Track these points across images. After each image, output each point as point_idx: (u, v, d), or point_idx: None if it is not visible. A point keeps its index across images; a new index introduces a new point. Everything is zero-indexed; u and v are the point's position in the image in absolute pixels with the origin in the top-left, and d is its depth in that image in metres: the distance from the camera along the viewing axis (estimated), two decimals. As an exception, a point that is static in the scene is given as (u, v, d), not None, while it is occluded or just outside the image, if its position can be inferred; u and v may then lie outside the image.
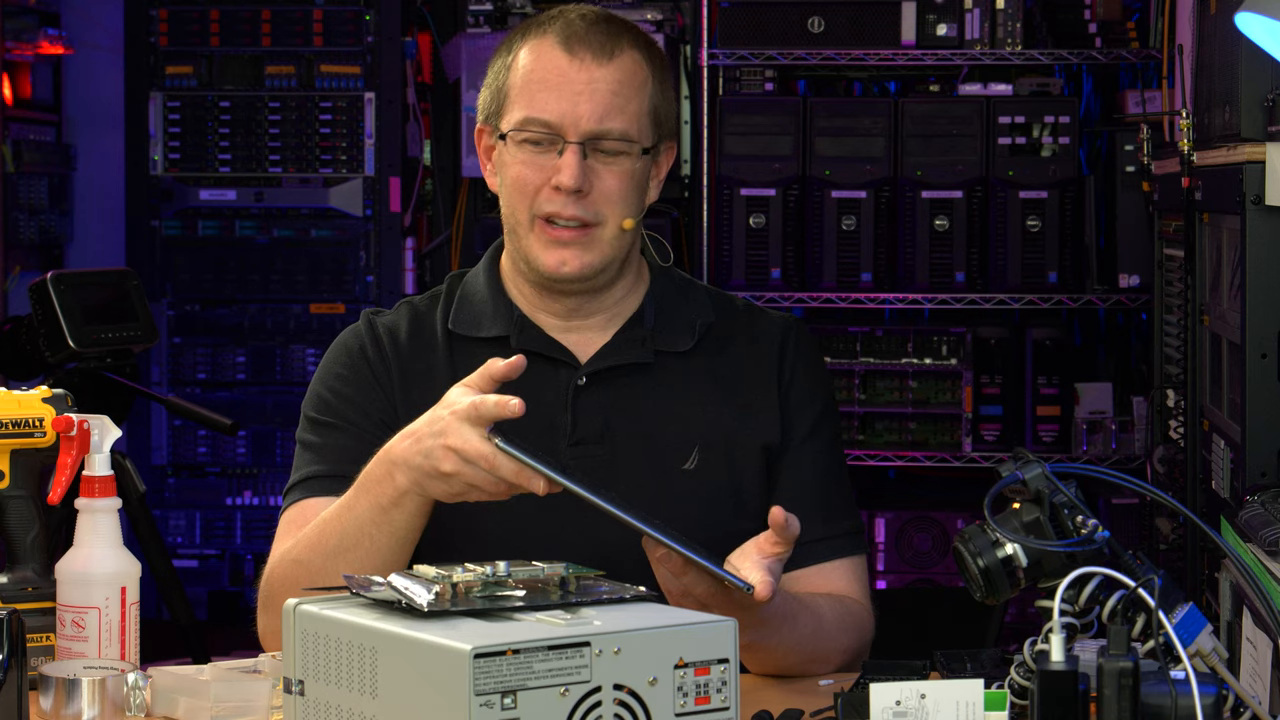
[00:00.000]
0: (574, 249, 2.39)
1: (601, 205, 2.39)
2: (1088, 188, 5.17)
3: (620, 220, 2.40)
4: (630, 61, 2.40)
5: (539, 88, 2.39)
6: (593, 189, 2.38)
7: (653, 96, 2.42)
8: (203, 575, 5.66)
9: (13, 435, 2.26)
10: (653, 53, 2.45)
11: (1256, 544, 2.57)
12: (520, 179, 2.40)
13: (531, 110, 2.39)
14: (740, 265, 5.19)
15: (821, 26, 5.20)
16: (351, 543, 2.22)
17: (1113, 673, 1.68)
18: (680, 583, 2.10)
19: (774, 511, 2.13)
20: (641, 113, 2.41)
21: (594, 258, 2.40)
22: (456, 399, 2.12)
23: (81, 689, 2.04)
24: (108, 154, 5.83)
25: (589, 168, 2.38)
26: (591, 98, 2.37)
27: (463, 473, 2.11)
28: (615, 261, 2.43)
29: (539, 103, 2.38)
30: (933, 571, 5.18)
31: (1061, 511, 1.86)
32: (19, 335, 4.20)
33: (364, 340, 2.48)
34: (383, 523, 2.20)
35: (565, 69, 2.38)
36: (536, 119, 2.38)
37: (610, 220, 2.39)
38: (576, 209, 2.38)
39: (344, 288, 5.63)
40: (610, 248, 2.41)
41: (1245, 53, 3.06)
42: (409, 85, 5.65)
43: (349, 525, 2.22)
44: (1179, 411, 4.02)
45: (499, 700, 1.65)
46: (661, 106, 2.44)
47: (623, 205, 2.40)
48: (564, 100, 2.37)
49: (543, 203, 2.39)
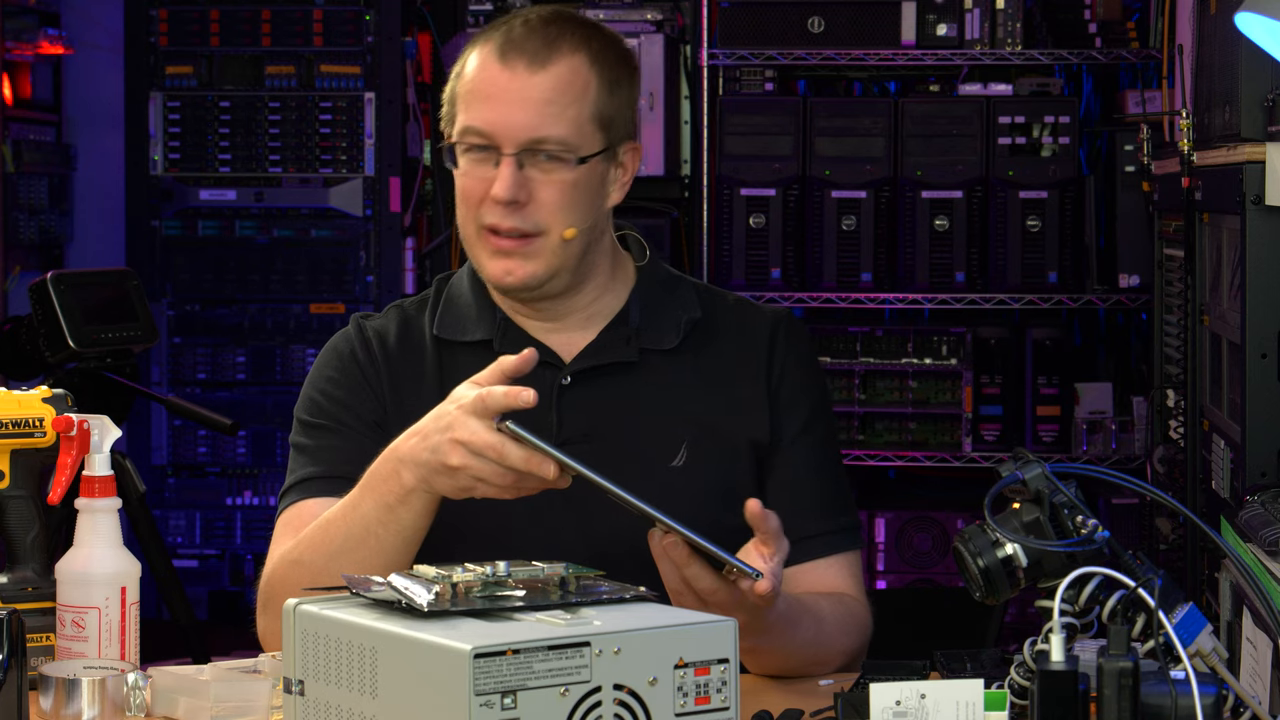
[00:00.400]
0: (516, 259, 2.38)
1: (541, 216, 2.36)
2: (1088, 188, 5.17)
3: (562, 230, 2.37)
4: (567, 69, 2.36)
5: (475, 98, 2.37)
6: (531, 199, 2.35)
7: (596, 101, 2.38)
8: (203, 575, 5.66)
9: (13, 435, 2.26)
10: (600, 55, 2.40)
11: (1256, 544, 2.57)
12: (464, 189, 2.39)
13: (469, 119, 2.37)
14: (740, 265, 5.19)
15: (821, 26, 5.20)
16: (357, 542, 2.21)
17: (1113, 673, 1.68)
18: (685, 574, 2.09)
19: (749, 504, 2.11)
20: (582, 119, 2.37)
21: (537, 267, 2.38)
22: (463, 393, 2.12)
23: (81, 689, 2.04)
24: (108, 154, 5.83)
25: (526, 178, 2.35)
26: (524, 107, 2.34)
27: (470, 466, 2.10)
28: (564, 269, 2.40)
29: (474, 112, 2.37)
30: (933, 571, 5.18)
31: (1061, 511, 1.86)
32: (19, 335, 4.20)
33: (354, 344, 2.48)
34: (389, 521, 2.20)
35: (498, 78, 2.36)
36: (473, 128, 2.37)
37: (552, 230, 2.37)
38: (515, 220, 2.36)
39: (344, 288, 5.63)
40: (556, 257, 2.38)
41: (1245, 53, 3.06)
42: (409, 85, 5.65)
43: (354, 524, 2.22)
44: (1179, 411, 4.02)
45: (499, 700, 1.65)
46: (608, 110, 2.39)
47: (563, 215, 2.37)
48: (497, 110, 2.35)
49: (484, 213, 2.37)
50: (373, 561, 2.19)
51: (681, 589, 2.10)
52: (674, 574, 2.10)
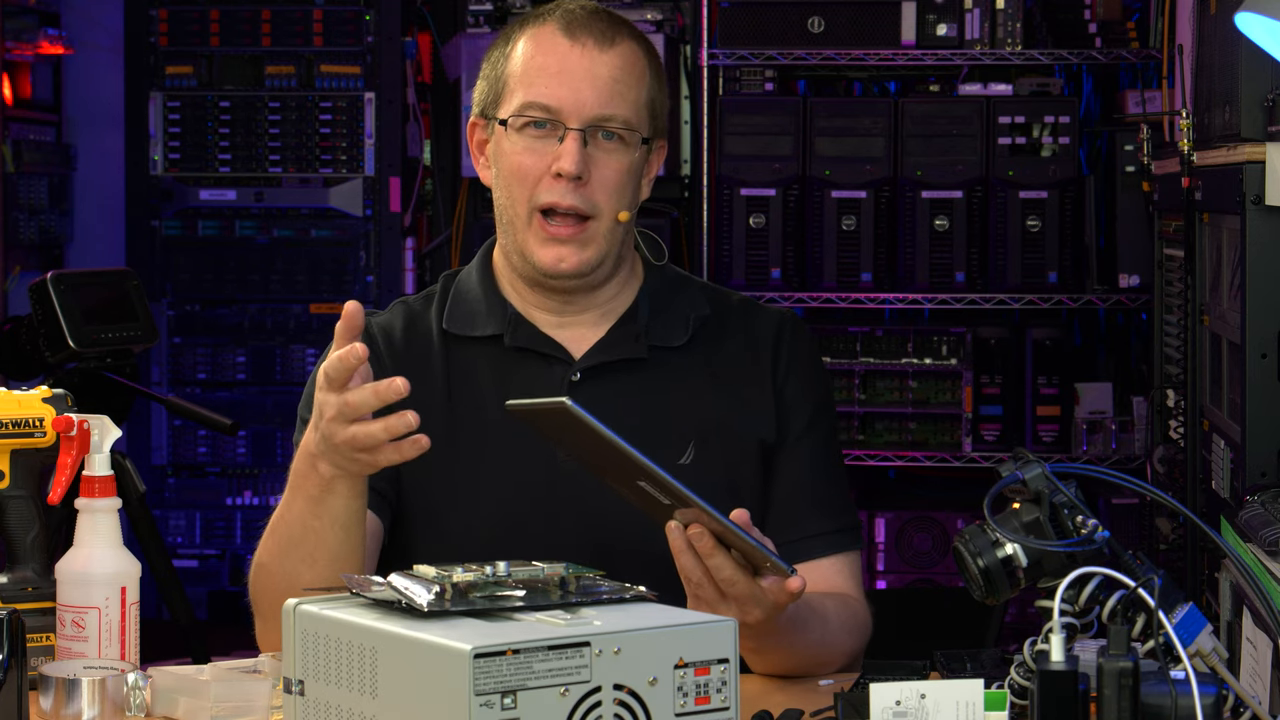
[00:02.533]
0: (571, 245, 2.39)
1: (599, 195, 2.39)
2: (1088, 188, 5.17)
3: (616, 212, 2.40)
4: (630, 52, 2.42)
5: (539, 74, 2.39)
6: (591, 177, 2.38)
7: (650, 89, 2.44)
8: (203, 575, 5.66)
9: (13, 435, 2.26)
10: (649, 48, 2.47)
11: (1256, 544, 2.57)
12: (519, 167, 2.39)
13: (532, 95, 2.39)
14: (740, 265, 5.19)
15: (821, 26, 5.20)
16: (298, 539, 2.22)
17: (1113, 673, 1.68)
18: (709, 563, 2.08)
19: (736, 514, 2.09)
20: (640, 103, 2.42)
21: (590, 253, 2.40)
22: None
23: (81, 689, 2.04)
24: (108, 154, 5.83)
25: (588, 155, 2.38)
26: (594, 84, 2.38)
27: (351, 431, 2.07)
28: (611, 256, 2.43)
29: (539, 87, 2.39)
30: (933, 571, 5.18)
31: (1061, 511, 1.86)
32: (19, 335, 4.20)
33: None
34: (321, 513, 2.19)
35: (567, 54, 2.39)
36: (538, 103, 2.38)
37: (606, 212, 2.39)
38: (575, 198, 2.37)
39: (344, 288, 5.63)
40: (605, 242, 2.41)
41: (1245, 53, 3.06)
42: (409, 85, 5.65)
43: (293, 524, 2.23)
44: (1179, 411, 4.02)
45: (499, 700, 1.65)
46: (658, 101, 2.45)
47: (619, 196, 2.40)
48: (566, 85, 2.38)
49: (542, 193, 2.38)
50: (317, 554, 2.19)
51: (703, 580, 2.09)
52: (696, 566, 2.08)
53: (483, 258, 2.52)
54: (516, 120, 2.40)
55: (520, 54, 2.42)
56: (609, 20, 2.42)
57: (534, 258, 2.40)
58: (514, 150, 2.40)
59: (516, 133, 2.40)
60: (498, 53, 2.45)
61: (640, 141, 2.41)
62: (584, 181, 2.37)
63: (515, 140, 2.40)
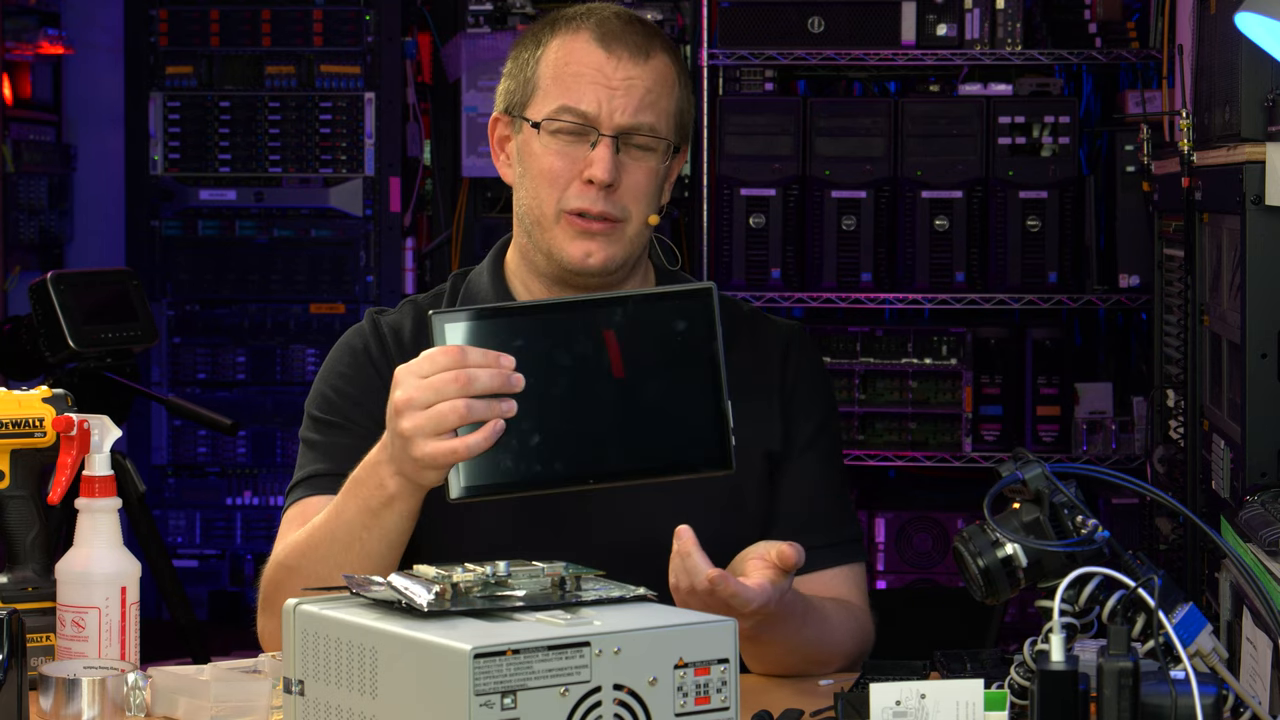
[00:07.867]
0: (600, 240, 2.40)
1: (628, 201, 2.40)
2: (1088, 188, 5.17)
3: (645, 216, 2.42)
4: (663, 64, 2.43)
5: (575, 80, 2.40)
6: (621, 184, 2.40)
7: (679, 99, 2.46)
8: (203, 575, 5.66)
9: (13, 435, 2.26)
10: (678, 56, 2.49)
11: (1256, 544, 2.57)
12: (551, 170, 2.40)
13: (567, 100, 2.40)
14: (740, 265, 5.19)
15: (821, 26, 5.20)
16: (342, 547, 2.21)
17: (1113, 673, 1.68)
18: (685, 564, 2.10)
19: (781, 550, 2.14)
20: (671, 112, 2.44)
21: (618, 251, 2.41)
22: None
23: (81, 689, 2.04)
24: (108, 154, 5.83)
25: (619, 163, 2.39)
26: (627, 93, 2.40)
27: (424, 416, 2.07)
28: (634, 257, 2.44)
29: (574, 94, 2.40)
30: (933, 571, 5.18)
31: (1061, 511, 1.86)
32: (19, 335, 4.20)
33: (368, 339, 2.47)
34: (373, 525, 2.19)
35: (603, 64, 2.40)
36: (573, 108, 2.39)
37: (635, 216, 2.41)
38: (605, 205, 2.39)
39: (344, 288, 5.63)
40: (633, 244, 2.42)
41: (1245, 53, 3.06)
42: (409, 85, 5.66)
43: (339, 530, 2.22)
44: (1179, 411, 4.02)
45: (499, 700, 1.65)
46: (685, 109, 2.48)
47: (647, 202, 2.42)
48: (600, 94, 2.39)
49: (571, 197, 2.40)
50: (358, 565, 2.19)
51: (691, 587, 2.11)
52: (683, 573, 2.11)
53: (495, 258, 2.52)
54: (550, 124, 2.40)
55: (553, 58, 2.43)
56: (643, 32, 2.44)
57: (562, 253, 2.41)
58: (545, 152, 2.41)
59: (549, 135, 2.41)
60: (527, 53, 2.46)
61: (668, 149, 2.43)
62: (614, 189, 2.39)
63: (547, 142, 2.41)
